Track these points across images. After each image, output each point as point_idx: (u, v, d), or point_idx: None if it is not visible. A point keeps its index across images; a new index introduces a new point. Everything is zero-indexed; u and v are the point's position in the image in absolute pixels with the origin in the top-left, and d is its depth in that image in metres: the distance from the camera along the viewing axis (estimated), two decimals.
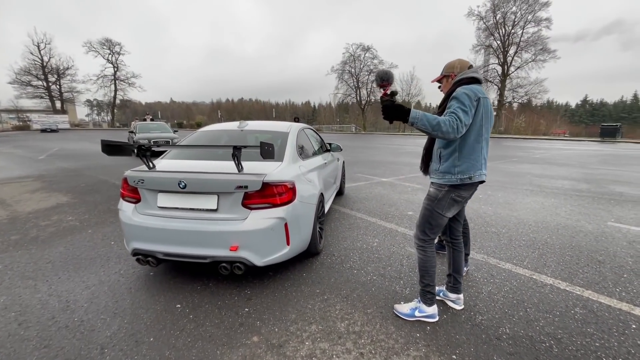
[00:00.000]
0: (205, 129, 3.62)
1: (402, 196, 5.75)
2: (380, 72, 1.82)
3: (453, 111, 1.78)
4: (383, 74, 1.81)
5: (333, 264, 2.96)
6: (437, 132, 1.71)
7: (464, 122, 1.76)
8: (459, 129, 1.73)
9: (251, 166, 2.57)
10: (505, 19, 39.18)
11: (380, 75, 1.81)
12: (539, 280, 2.64)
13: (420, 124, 1.72)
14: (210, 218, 2.42)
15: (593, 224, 4.19)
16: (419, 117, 1.72)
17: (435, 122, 1.71)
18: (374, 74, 1.94)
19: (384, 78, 1.80)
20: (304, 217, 2.72)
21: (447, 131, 1.71)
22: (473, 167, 1.93)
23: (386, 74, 1.81)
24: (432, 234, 2.08)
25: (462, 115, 1.76)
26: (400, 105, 1.76)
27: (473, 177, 1.93)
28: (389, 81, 1.80)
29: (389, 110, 1.75)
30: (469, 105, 1.81)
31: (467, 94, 1.83)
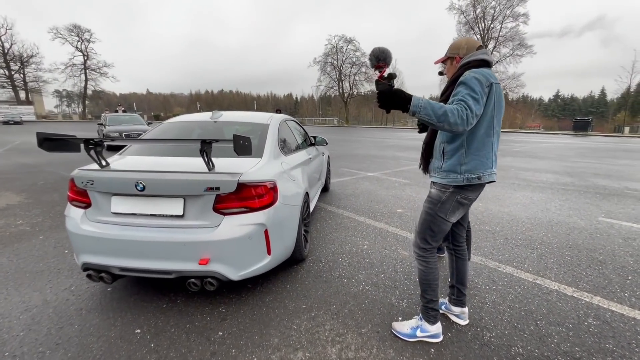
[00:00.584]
0: (173, 120, 3.19)
1: (389, 192, 5.51)
2: (375, 50, 1.49)
3: (461, 99, 1.48)
4: (379, 52, 1.48)
5: (320, 271, 2.65)
6: (444, 123, 1.41)
7: (474, 112, 1.47)
8: (469, 120, 1.44)
9: (225, 164, 2.20)
10: (485, 14, 39.74)
11: (375, 54, 1.48)
12: (543, 286, 2.43)
13: (424, 113, 1.41)
14: (175, 226, 2.04)
15: (585, 219, 4.09)
16: (422, 106, 1.41)
17: (442, 111, 1.40)
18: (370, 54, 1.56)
19: (380, 57, 1.48)
20: (288, 221, 2.38)
21: (455, 122, 1.41)
22: (482, 165, 1.65)
23: (383, 52, 1.48)
24: (435, 241, 1.81)
25: (472, 104, 1.47)
26: (400, 90, 1.44)
27: (482, 176, 1.65)
28: (386, 61, 1.48)
29: (385, 97, 1.43)
30: (479, 92, 1.51)
31: (478, 79, 1.54)
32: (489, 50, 42.21)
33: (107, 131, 11.23)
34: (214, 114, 3.02)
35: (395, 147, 14.03)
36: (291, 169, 2.79)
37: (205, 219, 2.04)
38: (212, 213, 2.04)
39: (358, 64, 49.62)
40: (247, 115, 3.27)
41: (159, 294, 2.33)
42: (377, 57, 1.48)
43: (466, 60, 1.73)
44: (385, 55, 1.48)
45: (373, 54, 1.49)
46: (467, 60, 1.72)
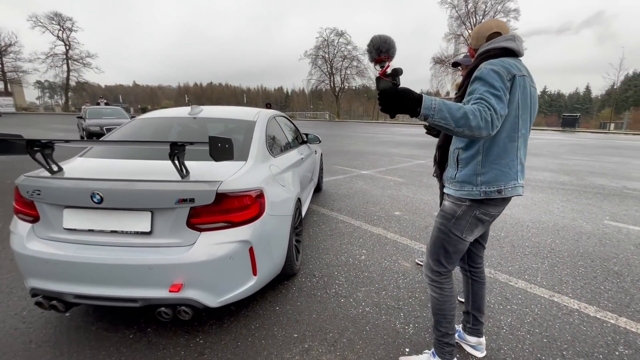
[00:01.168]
0: (146, 116, 2.81)
1: (385, 192, 5.24)
2: (375, 39, 1.17)
3: (481, 97, 1.19)
4: (380, 42, 1.16)
5: (314, 289, 2.36)
6: (463, 128, 1.11)
7: (499, 113, 1.17)
8: (493, 123, 1.14)
9: (202, 169, 1.87)
10: (477, 8, 39.64)
11: (375, 44, 1.16)
12: (562, 305, 2.19)
13: (439, 117, 1.11)
14: (141, 244, 1.70)
15: (590, 223, 3.90)
16: (435, 108, 1.11)
17: (461, 113, 1.10)
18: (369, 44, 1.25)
19: (382, 48, 1.16)
20: (277, 235, 2.07)
21: (477, 126, 1.11)
22: (504, 176, 1.35)
23: (385, 42, 1.16)
24: (450, 264, 1.52)
25: (494, 102, 1.17)
26: (407, 90, 1.13)
27: (504, 190, 1.35)
28: (389, 53, 1.17)
29: (389, 98, 1.12)
30: (500, 87, 1.22)
31: (496, 71, 1.24)
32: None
33: (86, 125, 10.63)
34: (192, 108, 2.66)
35: (388, 143, 13.79)
36: (281, 172, 2.47)
37: (177, 237, 1.71)
38: (185, 229, 1.71)
39: (349, 57, 49.09)
40: (231, 110, 2.91)
41: (126, 320, 2.00)
42: (379, 48, 1.16)
43: (485, 49, 1.43)
44: (389, 45, 1.16)
45: (373, 45, 1.17)
46: (485, 48, 1.43)
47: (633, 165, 8.74)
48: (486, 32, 1.47)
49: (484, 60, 1.36)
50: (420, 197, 4.93)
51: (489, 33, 1.46)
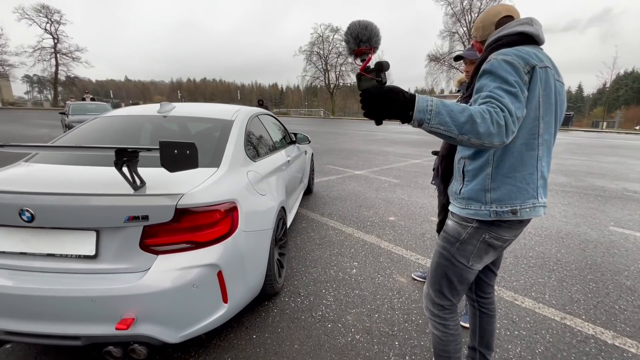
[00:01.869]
0: (110, 114, 2.49)
1: (379, 194, 4.99)
2: (354, 25, 0.92)
3: (491, 95, 0.92)
4: (360, 28, 0.90)
5: (298, 311, 2.09)
6: (469, 135, 0.85)
7: (515, 115, 0.90)
8: (508, 128, 0.87)
9: (162, 177, 1.57)
10: (472, 6, 39.49)
11: (354, 32, 0.91)
12: (575, 329, 1.95)
13: (437, 122, 0.85)
14: (83, 271, 1.41)
15: (595, 229, 3.69)
16: (433, 110, 0.85)
17: (466, 116, 0.85)
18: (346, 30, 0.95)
19: (362, 37, 0.90)
20: (253, 253, 1.79)
21: (487, 132, 0.85)
22: (520, 193, 1.09)
23: (366, 28, 0.90)
24: (455, 296, 1.26)
25: (508, 101, 0.91)
26: (395, 89, 0.88)
27: (520, 210, 1.09)
28: (370, 43, 0.91)
29: (374, 100, 0.88)
30: (516, 82, 0.95)
31: (510, 62, 0.98)
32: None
33: (69, 121, 10.18)
34: (162, 106, 2.35)
35: (383, 141, 13.55)
36: (262, 178, 2.18)
37: (128, 261, 1.42)
38: (138, 252, 1.42)
39: (344, 54, 48.65)
40: (206, 108, 2.60)
41: (71, 356, 1.70)
42: (357, 36, 0.90)
43: (495, 37, 1.15)
44: (370, 33, 0.90)
45: (350, 33, 0.91)
46: (496, 36, 1.15)
47: (630, 166, 8.63)
48: (494, 18, 1.20)
49: (495, 50, 1.09)
50: (415, 201, 4.68)
51: (497, 19, 1.19)
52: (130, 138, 2.20)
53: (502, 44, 1.09)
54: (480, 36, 1.25)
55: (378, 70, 0.89)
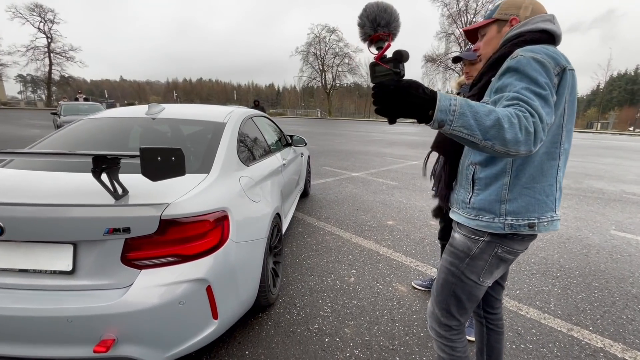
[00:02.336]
0: (96, 116, 2.37)
1: (377, 197, 4.90)
2: (371, 7, 0.80)
3: (519, 96, 0.82)
4: (379, 11, 0.79)
5: (293, 323, 1.98)
6: (494, 142, 0.75)
7: (545, 121, 0.80)
8: (537, 136, 0.78)
9: (147, 185, 1.46)
10: (468, 7, 39.70)
11: (371, 15, 0.79)
12: (584, 342, 1.87)
13: (461, 124, 0.75)
14: (59, 288, 1.30)
15: (597, 233, 3.62)
16: (457, 110, 0.75)
17: (492, 120, 0.74)
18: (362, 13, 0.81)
19: (380, 20, 0.79)
20: (245, 265, 1.68)
21: (514, 140, 0.75)
22: (538, 206, 1.00)
23: (385, 11, 0.79)
24: (463, 315, 1.17)
25: (539, 105, 0.80)
26: (416, 84, 0.77)
27: (538, 224, 1.00)
28: (389, 28, 0.80)
29: (390, 95, 0.76)
30: (546, 83, 0.85)
31: (540, 61, 0.88)
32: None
33: (61, 122, 10.01)
34: (150, 107, 2.24)
35: (380, 142, 13.48)
36: (255, 184, 2.08)
37: (108, 276, 1.31)
38: (119, 266, 1.31)
39: (341, 54, 48.72)
40: (197, 110, 2.49)
41: None
42: (375, 19, 0.79)
43: (516, 31, 1.04)
44: (390, 16, 0.79)
45: (367, 15, 0.79)
46: (517, 30, 1.04)
47: (626, 167, 8.63)
48: (541, 10, 1.06)
49: (516, 47, 0.99)
50: (414, 204, 4.60)
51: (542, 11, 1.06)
52: (116, 142, 2.09)
53: (524, 40, 0.99)
54: (526, 17, 1.06)
55: (396, 60, 0.77)
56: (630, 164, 9.29)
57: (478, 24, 1.18)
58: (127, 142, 2.12)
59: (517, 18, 1.07)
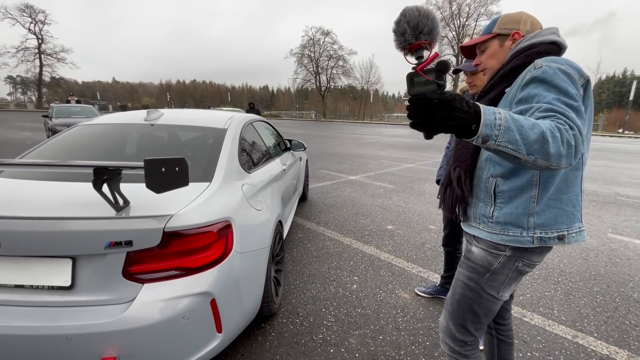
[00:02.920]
0: (92, 122, 2.31)
1: (375, 201, 4.88)
2: (412, 12, 0.75)
3: (553, 108, 0.80)
4: (421, 17, 0.75)
5: (297, 334, 1.94)
6: (536, 156, 0.73)
7: (583, 133, 0.80)
8: (577, 149, 0.76)
9: (147, 195, 1.41)
10: (460, 11, 40.18)
11: (412, 21, 0.75)
12: (589, 349, 1.87)
13: (507, 140, 0.73)
14: (57, 304, 1.25)
15: (594, 237, 3.65)
16: (502, 124, 0.72)
17: (537, 134, 0.72)
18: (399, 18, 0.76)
19: (423, 28, 0.75)
20: (249, 276, 1.65)
21: (557, 154, 0.73)
22: (567, 217, 0.99)
23: (427, 17, 0.75)
24: (478, 330, 1.15)
25: (575, 118, 0.79)
26: (459, 97, 0.72)
27: (567, 235, 0.99)
28: (432, 36, 0.76)
29: (432, 108, 0.71)
30: (576, 95, 0.84)
31: (566, 72, 0.86)
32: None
33: (52, 124, 9.80)
34: (149, 113, 2.19)
35: (376, 144, 13.50)
36: (258, 191, 2.04)
37: (109, 292, 1.26)
38: (121, 281, 1.27)
39: (335, 57, 48.84)
40: (197, 115, 2.44)
41: None
42: (417, 26, 0.75)
43: (527, 43, 1.03)
44: (433, 23, 0.75)
45: (408, 21, 0.75)
46: (528, 42, 1.03)
47: (618, 169, 8.75)
48: (539, 25, 1.08)
49: (529, 59, 0.98)
50: (412, 207, 4.59)
51: (540, 27, 1.07)
52: (114, 149, 2.03)
53: (537, 52, 0.98)
54: (527, 31, 1.07)
55: (440, 71, 0.72)
56: (622, 165, 9.43)
57: (478, 40, 1.17)
58: (124, 150, 2.07)
59: (519, 32, 1.07)
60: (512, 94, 0.97)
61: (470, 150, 1.10)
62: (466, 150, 1.12)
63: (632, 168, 8.98)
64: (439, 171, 2.33)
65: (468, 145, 1.11)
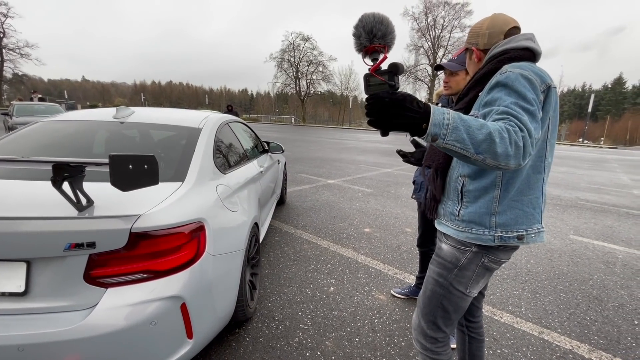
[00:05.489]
0: (56, 118, 2.18)
1: (353, 204, 4.92)
2: (367, 18, 0.80)
3: (508, 111, 0.84)
4: (375, 22, 0.79)
5: (272, 338, 1.90)
6: (485, 155, 0.77)
7: (533, 135, 0.82)
8: (526, 150, 0.80)
9: (114, 194, 1.34)
10: (436, 22, 41.72)
11: (367, 25, 0.79)
12: (554, 344, 1.95)
13: (454, 138, 0.76)
14: (8, 312, 1.15)
15: (558, 238, 3.86)
16: (450, 125, 0.76)
17: (484, 134, 0.76)
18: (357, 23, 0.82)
19: (377, 32, 0.79)
20: (223, 279, 1.59)
21: (504, 154, 0.77)
22: (526, 218, 1.03)
23: (382, 23, 0.79)
24: (449, 326, 1.17)
25: (528, 120, 0.83)
26: (410, 97, 0.76)
27: (526, 236, 1.03)
28: (385, 40, 0.80)
29: (385, 108, 0.75)
30: (533, 99, 0.88)
31: (528, 78, 0.91)
32: (439, 56, 44.86)
33: (12, 123, 9.19)
34: (118, 111, 2.09)
35: (353, 149, 13.66)
36: (233, 192, 2.00)
37: (68, 297, 1.18)
38: (82, 285, 1.19)
39: (315, 62, 49.17)
40: (170, 114, 2.36)
41: None
42: (371, 31, 0.79)
43: (502, 49, 1.07)
44: (386, 29, 0.79)
45: (363, 26, 0.80)
46: (502, 48, 1.08)
47: (579, 175, 9.34)
48: (504, 27, 1.10)
49: (501, 64, 1.02)
50: (389, 211, 4.66)
51: (507, 28, 1.10)
52: (79, 147, 1.92)
53: (509, 57, 1.02)
54: (485, 44, 1.12)
55: (392, 72, 0.77)
56: (582, 172, 10.07)
57: (458, 52, 1.29)
58: (91, 148, 1.96)
59: (475, 49, 1.16)
60: (481, 98, 1.00)
61: (438, 151, 1.13)
62: (438, 150, 1.14)
63: (591, 175, 9.61)
64: (416, 172, 2.38)
65: None
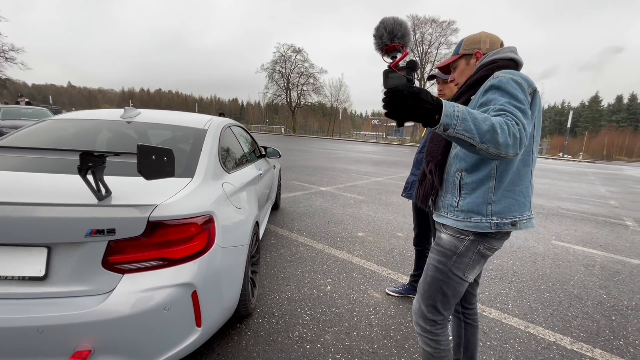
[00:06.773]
0: (64, 117, 2.23)
1: (346, 210, 5.02)
2: (388, 21, 0.92)
3: (504, 109, 0.97)
4: (394, 24, 0.92)
5: (273, 332, 1.96)
6: (488, 145, 0.88)
7: (527, 129, 0.97)
8: (521, 141, 0.93)
9: (130, 186, 1.42)
10: (423, 39, 43.17)
11: (389, 27, 0.91)
12: (539, 337, 2.08)
13: (462, 128, 0.87)
14: (28, 295, 1.19)
15: (541, 243, 4.05)
16: (459, 116, 0.87)
17: (488, 125, 0.88)
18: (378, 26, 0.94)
19: (396, 32, 0.91)
20: (229, 271, 1.66)
21: (504, 143, 0.89)
22: (518, 206, 1.16)
23: (400, 25, 0.92)
24: (447, 310, 1.27)
25: (521, 117, 0.97)
26: (425, 91, 0.87)
27: (518, 222, 1.16)
28: (404, 40, 0.92)
29: (403, 100, 0.85)
30: (523, 99, 1.03)
31: (517, 82, 1.05)
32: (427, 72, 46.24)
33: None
34: (126, 111, 2.16)
35: (344, 159, 13.86)
36: (237, 191, 2.07)
37: (86, 282, 1.23)
38: (100, 271, 1.24)
39: (306, 74, 49.86)
40: (176, 116, 2.45)
41: None
42: (392, 31, 0.91)
43: (490, 59, 1.24)
44: (405, 30, 0.92)
45: (385, 27, 0.91)
46: (491, 58, 1.24)
47: (560, 187, 9.74)
48: (499, 40, 1.30)
49: (491, 71, 1.17)
50: (381, 217, 4.79)
51: (500, 42, 1.29)
52: (91, 144, 1.98)
53: (498, 66, 1.18)
54: (487, 49, 1.28)
55: (410, 68, 0.88)
56: (563, 184, 10.50)
57: (449, 60, 1.41)
58: (102, 145, 2.01)
59: (480, 51, 1.29)
60: (476, 99, 1.14)
61: (441, 147, 1.26)
62: (437, 147, 1.27)
63: (571, 186, 10.03)
64: (409, 178, 2.51)
65: (439, 143, 1.27)
